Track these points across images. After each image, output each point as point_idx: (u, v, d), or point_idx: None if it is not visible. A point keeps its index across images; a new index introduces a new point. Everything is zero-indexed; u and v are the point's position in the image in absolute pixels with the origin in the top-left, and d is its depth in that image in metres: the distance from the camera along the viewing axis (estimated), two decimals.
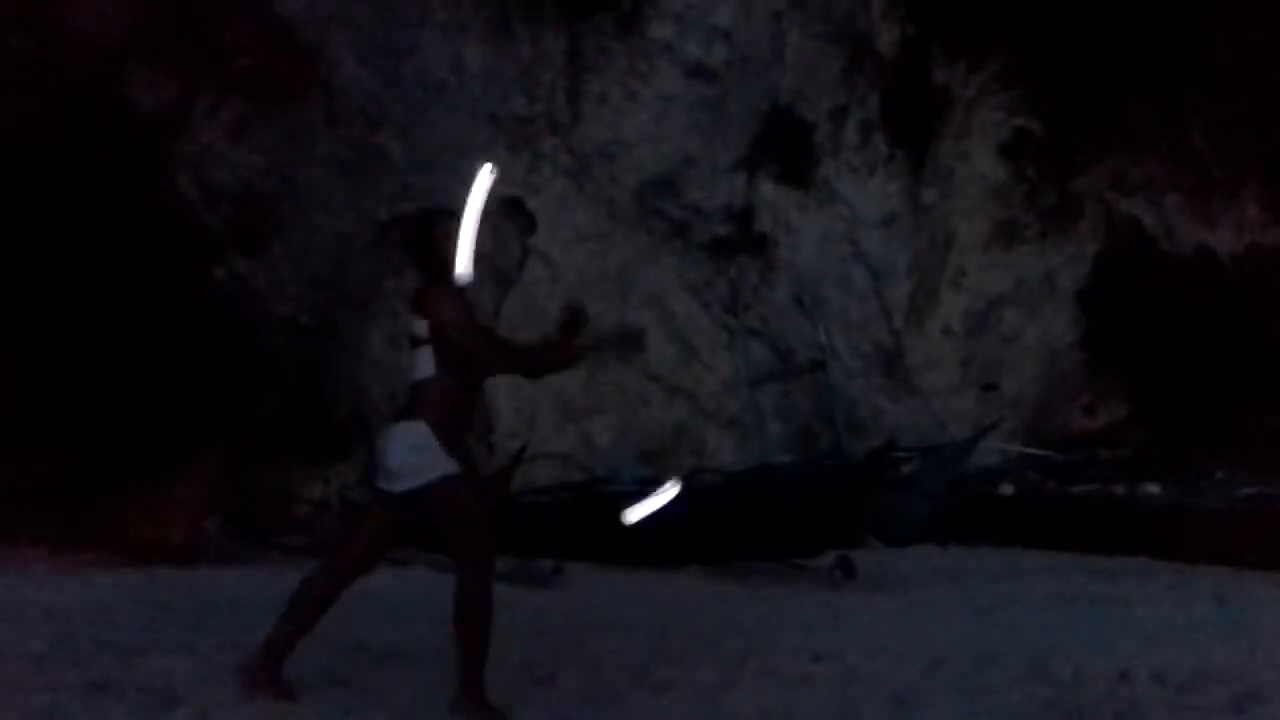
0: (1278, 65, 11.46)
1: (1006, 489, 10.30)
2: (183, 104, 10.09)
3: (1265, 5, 11.35)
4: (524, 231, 10.93)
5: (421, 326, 4.39)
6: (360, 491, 10.44)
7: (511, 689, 4.65)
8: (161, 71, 9.99)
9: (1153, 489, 9.85)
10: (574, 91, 11.08)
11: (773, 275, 11.54)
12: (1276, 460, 9.93)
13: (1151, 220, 12.27)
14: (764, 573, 8.04)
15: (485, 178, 4.41)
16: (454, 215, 4.45)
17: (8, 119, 9.19)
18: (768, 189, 11.55)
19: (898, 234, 11.94)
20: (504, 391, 10.09)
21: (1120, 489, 9.96)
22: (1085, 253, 12.26)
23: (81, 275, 9.16)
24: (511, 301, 10.81)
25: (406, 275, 10.85)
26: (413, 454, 4.26)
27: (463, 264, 4.37)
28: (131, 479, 8.38)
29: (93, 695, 4.52)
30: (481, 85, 10.81)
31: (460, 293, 4.40)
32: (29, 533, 8.41)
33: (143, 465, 8.47)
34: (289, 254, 10.42)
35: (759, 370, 10.93)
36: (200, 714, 4.34)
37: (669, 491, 4.96)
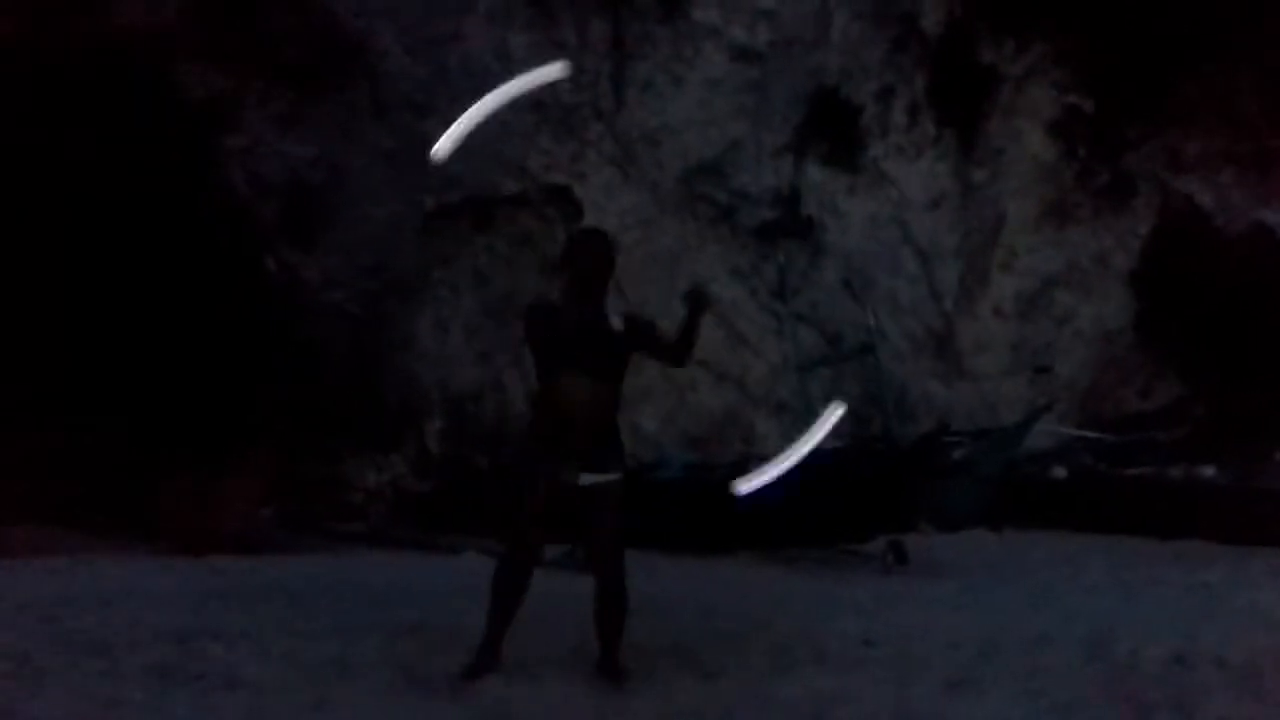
0: None
1: (1060, 472, 10.18)
2: (231, 96, 10.19)
3: None
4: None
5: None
6: (412, 479, 10.56)
7: (562, 673, 4.68)
8: (210, 64, 10.09)
9: (1209, 471, 9.70)
10: (619, 77, 11.06)
11: (820, 259, 11.48)
12: None
13: (1206, 197, 12.05)
14: (815, 558, 8.01)
15: None
16: (597, 235, 5.05)
17: (58, 112, 9.33)
18: (814, 172, 11.48)
19: (947, 215, 11.82)
20: None
21: (1176, 471, 9.82)
22: (1138, 232, 12.08)
23: (134, 267, 9.29)
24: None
25: (454, 265, 10.98)
26: None
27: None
28: (186, 469, 8.50)
29: (154, 681, 4.59)
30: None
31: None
32: (87, 522, 8.56)
33: (197, 456, 8.58)
34: (338, 244, 10.51)
35: (807, 355, 10.88)
36: (260, 698, 4.40)
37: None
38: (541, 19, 10.80)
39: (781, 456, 5.44)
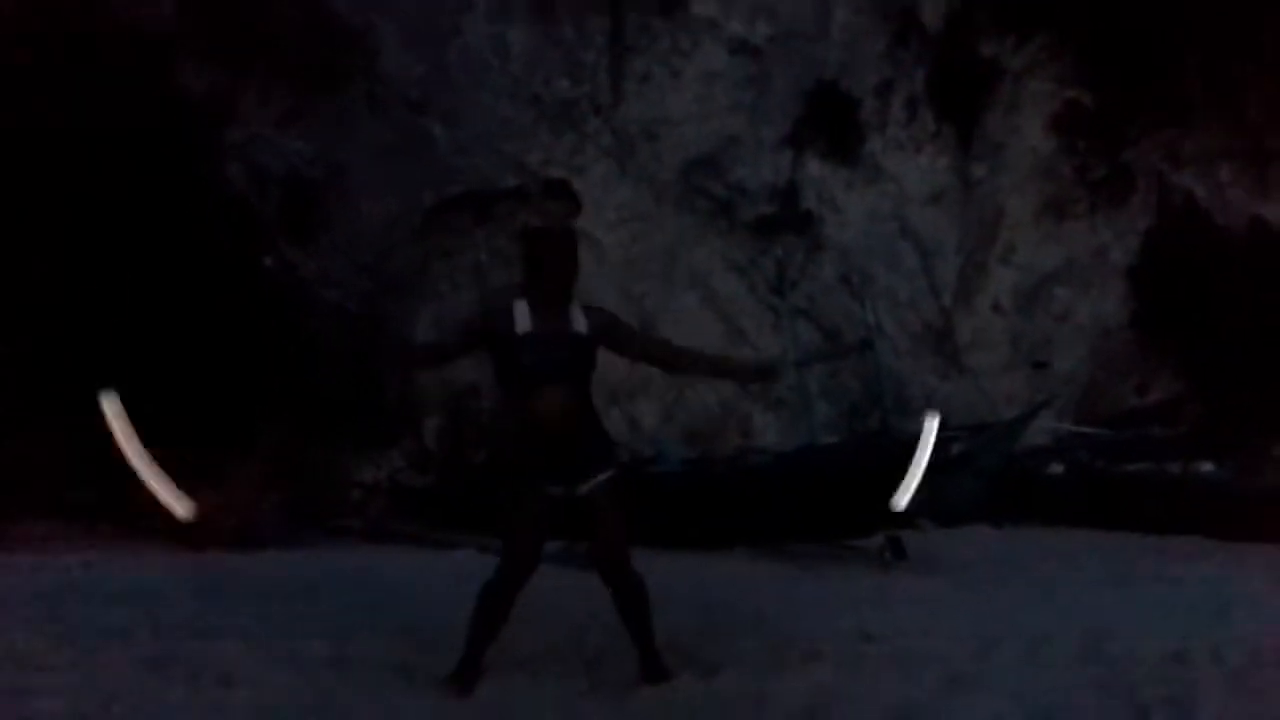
0: None
1: (1058, 468, 10.19)
2: (230, 92, 10.18)
3: None
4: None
5: None
6: (410, 475, 10.55)
7: (559, 669, 4.68)
8: (209, 60, 10.08)
9: (1207, 467, 9.70)
10: (617, 71, 11.05)
11: (819, 254, 11.47)
12: None
13: (1205, 193, 12.06)
14: (813, 554, 8.01)
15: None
16: (557, 229, 4.73)
17: (58, 107, 9.31)
18: (813, 166, 11.47)
19: (946, 210, 11.82)
20: None
21: (1174, 467, 9.82)
22: (1137, 227, 12.09)
23: (133, 263, 9.27)
24: None
25: (454, 261, 10.98)
26: None
27: None
28: (186, 465, 8.47)
29: (151, 676, 4.59)
30: (525, 67, 10.81)
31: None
32: (88, 518, 8.55)
33: (197, 451, 8.55)
34: (337, 241, 10.51)
35: (806, 350, 10.88)
36: (256, 694, 4.39)
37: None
38: (540, 13, 10.79)
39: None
